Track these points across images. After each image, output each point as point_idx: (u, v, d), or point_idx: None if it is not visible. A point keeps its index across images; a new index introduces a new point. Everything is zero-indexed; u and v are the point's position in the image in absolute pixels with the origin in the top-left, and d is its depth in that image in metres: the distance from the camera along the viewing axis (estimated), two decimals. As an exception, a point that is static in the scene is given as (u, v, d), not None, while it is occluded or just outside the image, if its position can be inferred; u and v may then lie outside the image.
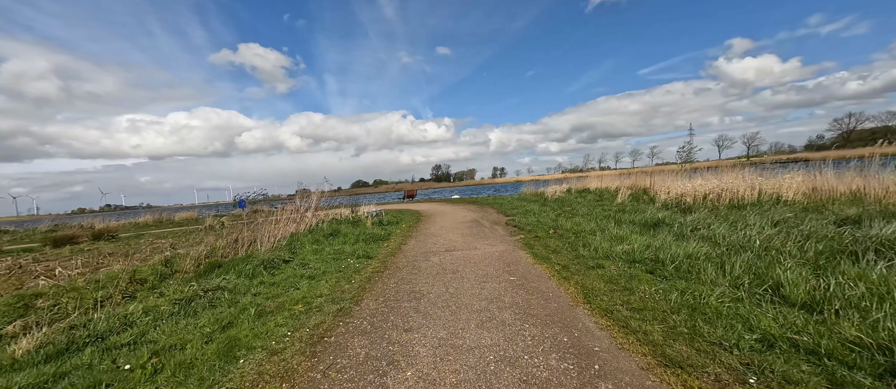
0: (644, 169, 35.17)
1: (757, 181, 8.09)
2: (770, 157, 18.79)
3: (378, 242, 8.34)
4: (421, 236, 8.97)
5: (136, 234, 15.97)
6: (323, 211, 13.19)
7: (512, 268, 5.26)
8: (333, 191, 26.99)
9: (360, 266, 6.13)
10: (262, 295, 4.85)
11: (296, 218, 10.84)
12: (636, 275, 4.26)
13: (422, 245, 7.76)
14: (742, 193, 8.15)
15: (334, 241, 8.51)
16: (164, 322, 4.15)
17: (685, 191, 8.68)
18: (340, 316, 3.86)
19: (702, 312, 3.10)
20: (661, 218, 6.88)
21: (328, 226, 10.49)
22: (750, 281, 3.60)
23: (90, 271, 8.85)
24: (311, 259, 6.80)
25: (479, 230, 9.18)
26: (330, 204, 13.60)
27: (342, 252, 7.24)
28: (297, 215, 11.07)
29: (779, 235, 4.83)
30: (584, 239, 6.51)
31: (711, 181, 8.55)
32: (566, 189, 15.89)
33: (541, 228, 8.33)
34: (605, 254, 5.32)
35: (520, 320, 3.42)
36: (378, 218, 12.08)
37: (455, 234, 8.81)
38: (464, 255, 6.41)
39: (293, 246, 7.80)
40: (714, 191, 8.31)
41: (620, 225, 7.36)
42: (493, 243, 7.31)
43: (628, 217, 8.09)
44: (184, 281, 5.82)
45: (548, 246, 6.51)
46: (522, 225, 9.00)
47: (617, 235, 6.25)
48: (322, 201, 12.68)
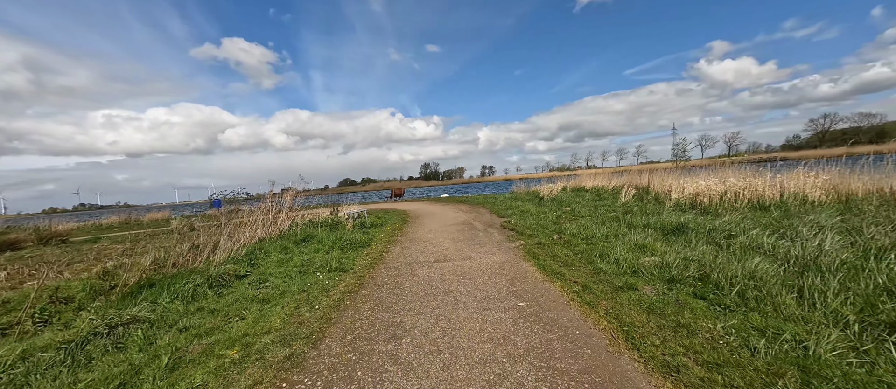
0: (637, 167, 34.71)
1: (778, 180, 7.23)
2: (750, 157, 18.26)
3: (357, 249, 7.16)
4: (407, 241, 7.83)
5: (92, 238, 14.34)
6: (301, 212, 11.92)
7: (518, 287, 4.18)
8: (320, 189, 25.53)
9: (330, 282, 4.96)
10: (192, 329, 3.64)
11: (267, 221, 9.57)
12: (686, 303, 3.22)
13: (408, 253, 6.63)
14: (762, 192, 7.28)
15: (306, 248, 7.29)
16: (41, 377, 2.92)
17: (699, 190, 7.78)
18: (286, 370, 2.71)
19: (822, 375, 2.06)
20: (682, 222, 5.90)
21: (302, 230, 9.24)
22: (855, 315, 2.59)
23: (14, 285, 7.44)
24: (273, 273, 5.59)
25: (473, 234, 8.09)
26: (307, 204, 12.33)
27: (312, 263, 6.04)
28: (268, 217, 9.79)
29: (851, 247, 3.88)
30: (598, 248, 5.48)
31: (730, 179, 7.67)
32: (561, 187, 14.96)
33: (542, 232, 7.29)
34: (631, 269, 4.29)
35: (545, 384, 2.33)
36: (360, 220, 10.88)
37: (445, 239, 7.70)
38: (457, 267, 5.30)
39: (255, 255, 6.55)
40: (732, 191, 7.43)
41: (634, 230, 6.37)
42: (490, 251, 6.22)
43: (640, 220, 7.12)
44: (103, 307, 4.55)
45: (555, 255, 5.45)
46: (521, 229, 7.95)
47: (637, 243, 5.24)
48: (298, 201, 11.40)
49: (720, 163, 14.80)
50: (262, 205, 10.48)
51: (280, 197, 10.82)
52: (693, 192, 7.94)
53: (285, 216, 10.35)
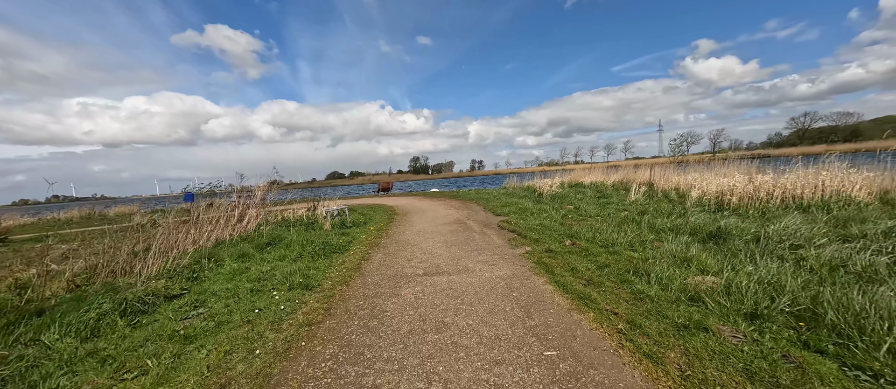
0: (630, 162, 33.94)
1: (815, 177, 6.28)
2: (735, 154, 18.05)
3: (331, 256, 5.94)
4: (392, 245, 6.63)
5: (40, 235, 12.69)
6: (276, 208, 10.57)
7: (538, 320, 3.05)
8: (307, 182, 23.93)
9: (287, 308, 3.74)
10: (59, 395, 2.40)
11: (231, 219, 8.23)
12: (801, 361, 2.13)
13: (392, 261, 5.44)
14: (798, 191, 6.32)
15: (270, 255, 6.03)
16: None
17: (726, 187, 6.78)
18: None
19: None
20: (723, 228, 4.86)
21: (270, 231, 7.95)
22: None
23: None
24: (218, 291, 4.34)
25: (468, 236, 6.94)
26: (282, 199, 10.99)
27: (271, 276, 4.80)
28: (234, 214, 8.45)
29: None
30: (624, 258, 4.40)
31: (758, 176, 6.70)
32: (559, 183, 13.93)
33: (550, 236, 6.19)
34: (687, 293, 3.20)
35: None
36: (339, 219, 9.60)
37: (437, 242, 6.53)
38: (453, 285, 4.15)
39: (201, 265, 5.26)
40: (763, 189, 6.45)
41: (663, 236, 5.32)
42: (492, 260, 5.09)
43: (663, 222, 6.08)
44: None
45: (574, 268, 4.34)
46: (523, 231, 6.84)
47: (676, 254, 4.16)
48: (271, 196, 10.06)
49: (712, 158, 14.03)
50: (230, 201, 9.15)
51: (250, 191, 9.48)
52: (717, 190, 6.95)
53: (255, 213, 9.02)
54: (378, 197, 21.51)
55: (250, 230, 8.05)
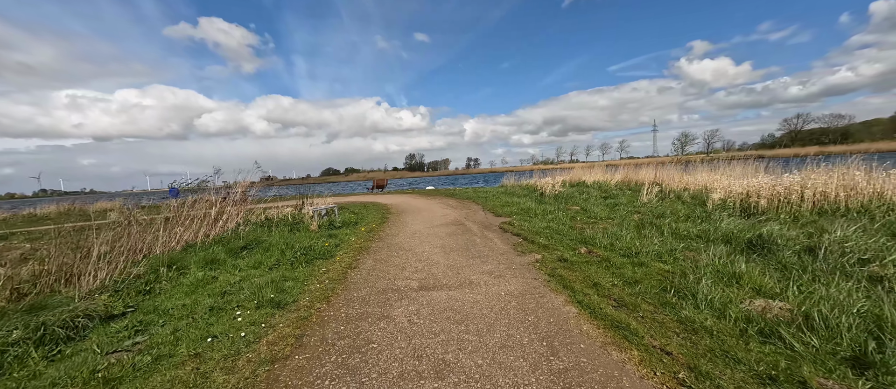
0: (631, 161, 33.37)
1: (855, 178, 5.65)
2: (727, 154, 17.55)
3: (314, 263, 5.18)
4: (383, 249, 5.89)
5: (6, 232, 11.73)
6: (261, 205, 9.77)
7: (568, 363, 2.34)
8: (301, 178, 22.99)
9: (249, 335, 3.00)
10: None
11: (207, 218, 7.44)
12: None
13: (382, 270, 4.71)
14: (832, 194, 5.69)
15: (243, 261, 5.27)
16: None
17: (752, 189, 6.12)
18: None
19: None
20: (766, 236, 4.18)
21: (249, 232, 7.17)
22: None
23: None
24: (171, 309, 3.58)
25: (468, 240, 6.22)
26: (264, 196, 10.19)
27: (240, 289, 4.03)
28: (211, 212, 7.65)
29: None
30: (657, 274, 3.71)
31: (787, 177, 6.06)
32: (561, 182, 13.26)
33: (561, 241, 5.50)
34: (753, 324, 2.51)
35: None
36: (328, 218, 8.83)
37: (434, 247, 5.81)
38: (454, 303, 3.43)
39: (157, 274, 4.48)
40: (794, 191, 5.80)
41: (691, 243, 4.65)
42: (498, 270, 4.38)
43: (685, 227, 5.41)
44: None
45: (597, 283, 3.65)
46: (529, 235, 6.14)
47: (722, 269, 3.48)
48: (254, 193, 9.26)
49: (712, 158, 13.56)
50: (207, 198, 8.34)
51: (229, 188, 8.67)
52: (742, 192, 6.30)
53: (235, 211, 8.22)
54: (372, 194, 20.72)
55: (227, 231, 7.26)
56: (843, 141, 66.75)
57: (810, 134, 78.85)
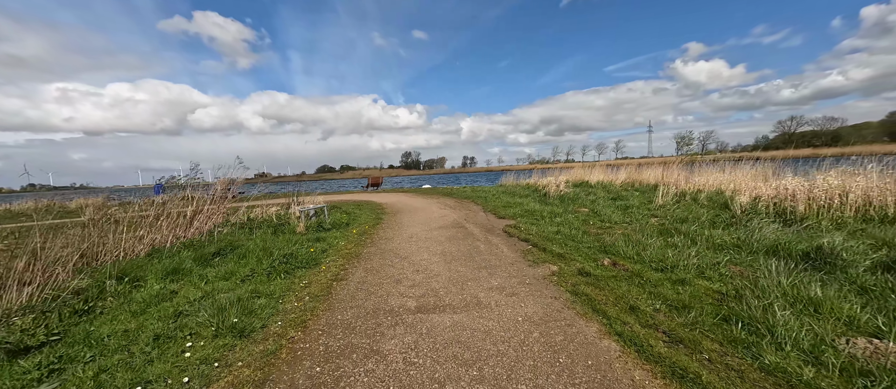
0: (633, 161, 32.83)
1: None
2: (734, 155, 16.87)
3: (295, 273, 4.46)
4: (376, 257, 5.18)
5: (-31, 231, 10.81)
6: (243, 205, 8.99)
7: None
8: (296, 175, 22.11)
9: (194, 379, 2.28)
10: None
11: (182, 218, 6.67)
12: None
13: (373, 284, 4.00)
14: (875, 198, 5.08)
15: (213, 270, 4.52)
16: None
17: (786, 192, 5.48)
18: None
19: None
20: (825, 249, 3.53)
21: (227, 234, 6.42)
22: None
23: None
24: (107, 336, 2.84)
25: (471, 246, 5.53)
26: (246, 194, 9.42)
27: (198, 309, 3.29)
28: (187, 211, 6.88)
29: None
30: (706, 295, 3.04)
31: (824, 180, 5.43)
32: (565, 181, 12.59)
33: (577, 249, 4.82)
34: (872, 380, 1.85)
35: None
36: (316, 219, 8.08)
37: (433, 254, 5.11)
38: (461, 334, 2.73)
39: (102, 288, 3.72)
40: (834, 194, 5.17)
41: (732, 254, 4.00)
42: (509, 285, 3.69)
43: (718, 235, 4.76)
44: None
45: (636, 308, 2.98)
46: (539, 241, 5.47)
47: (799, 296, 2.81)
48: (235, 190, 8.48)
49: (713, 159, 13.15)
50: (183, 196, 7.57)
51: (208, 186, 7.90)
52: (773, 194, 5.68)
53: (214, 211, 7.46)
54: (367, 193, 19.95)
55: (203, 233, 6.50)
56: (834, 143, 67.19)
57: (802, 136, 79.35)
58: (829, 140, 77.17)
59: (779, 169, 9.43)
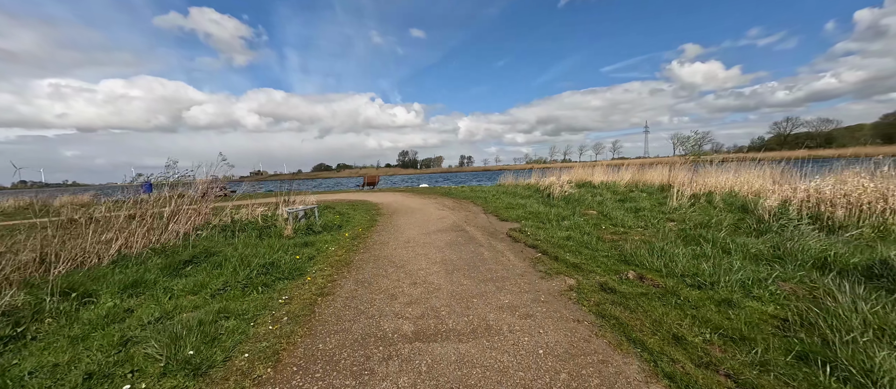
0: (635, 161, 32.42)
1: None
2: (730, 156, 16.52)
3: (274, 287, 3.88)
4: (369, 266, 4.62)
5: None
6: (228, 205, 8.39)
7: None
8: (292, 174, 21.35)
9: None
10: None
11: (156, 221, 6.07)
12: None
13: (364, 300, 3.44)
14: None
15: (182, 282, 3.93)
16: None
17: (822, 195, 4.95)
18: None
19: None
20: (892, 264, 3.02)
21: (205, 239, 5.83)
22: None
23: None
24: (29, 372, 2.26)
25: (474, 253, 4.98)
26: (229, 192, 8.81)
27: (150, 335, 2.71)
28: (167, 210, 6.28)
29: None
30: (762, 321, 2.52)
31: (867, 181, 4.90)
32: (567, 180, 12.08)
33: (594, 259, 4.29)
34: None
35: None
36: (306, 221, 7.48)
37: (432, 263, 4.55)
38: (469, 374, 2.18)
39: (44, 304, 3.12)
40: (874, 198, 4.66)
41: (772, 266, 3.48)
42: (522, 303, 3.14)
43: (749, 243, 4.24)
44: None
45: (683, 338, 2.44)
46: (548, 247, 4.93)
47: (886, 325, 2.29)
48: (218, 189, 7.89)
49: (721, 159, 12.82)
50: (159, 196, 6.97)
51: (187, 185, 7.30)
52: (805, 197, 5.17)
53: (194, 211, 6.86)
54: (362, 192, 19.35)
55: (179, 236, 5.89)
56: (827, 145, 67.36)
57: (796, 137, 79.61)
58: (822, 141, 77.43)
59: (785, 170, 9.04)
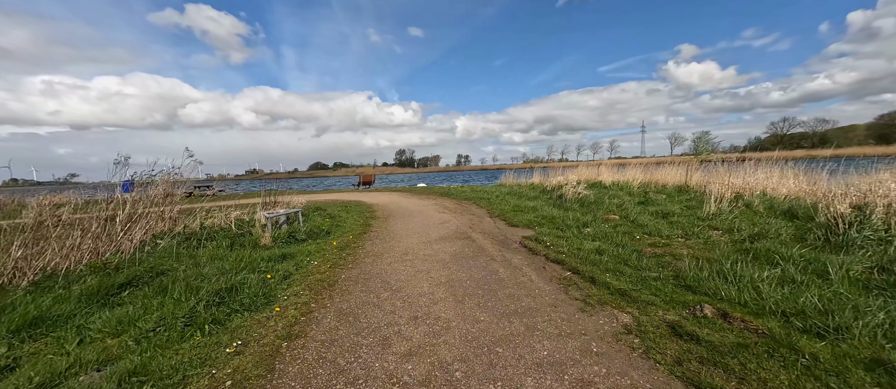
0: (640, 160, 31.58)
1: None
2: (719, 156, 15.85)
3: (228, 324, 2.89)
4: (357, 289, 3.63)
5: None
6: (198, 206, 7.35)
7: None
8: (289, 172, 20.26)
9: None
10: None
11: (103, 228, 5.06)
12: None
13: (345, 349, 2.46)
14: None
15: (105, 316, 2.92)
16: None
17: None
18: None
19: None
20: None
21: (160, 252, 4.81)
22: None
23: None
24: None
25: (486, 269, 4.00)
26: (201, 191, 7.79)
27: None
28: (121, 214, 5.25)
29: None
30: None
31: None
32: (575, 180, 11.13)
33: (641, 281, 3.33)
34: None
35: None
36: (287, 227, 6.44)
37: (436, 286, 3.58)
38: None
39: None
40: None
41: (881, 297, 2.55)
42: (567, 355, 2.19)
43: (847, 263, 3.31)
44: None
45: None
46: (578, 264, 3.97)
47: None
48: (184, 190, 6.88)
49: (740, 158, 12.14)
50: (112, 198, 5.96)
51: (145, 185, 6.28)
52: (887, 202, 4.23)
53: (155, 216, 5.85)
54: (357, 192, 18.31)
55: (133, 246, 4.87)
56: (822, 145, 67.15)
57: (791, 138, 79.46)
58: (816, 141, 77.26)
59: (809, 170, 8.23)
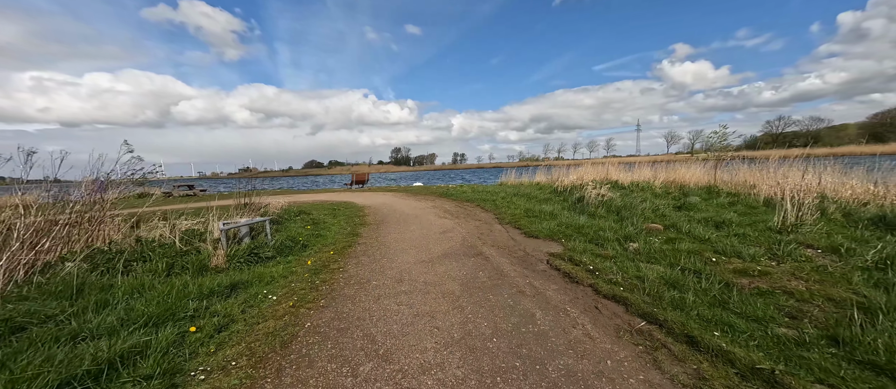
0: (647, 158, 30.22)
1: None
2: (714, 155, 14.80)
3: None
4: (323, 358, 2.29)
5: None
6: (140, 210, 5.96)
7: None
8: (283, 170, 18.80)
9: None
10: None
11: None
12: None
13: None
14: None
15: None
16: None
17: None
18: None
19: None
20: None
21: (60, 279, 3.41)
22: None
23: None
24: None
25: (514, 309, 2.69)
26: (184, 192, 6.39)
27: None
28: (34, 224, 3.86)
29: None
30: None
31: None
32: (593, 180, 9.86)
33: (762, 334, 2.05)
34: None
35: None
36: (249, 242, 5.03)
37: (445, 346, 2.27)
38: None
39: None
40: None
41: None
42: None
43: None
44: None
45: None
46: (649, 306, 2.69)
47: None
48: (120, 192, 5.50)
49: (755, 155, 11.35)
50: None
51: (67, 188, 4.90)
52: None
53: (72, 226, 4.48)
54: (350, 192, 16.90)
55: (49, 260, 3.48)
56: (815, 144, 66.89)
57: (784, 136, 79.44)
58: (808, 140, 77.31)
59: (844, 168, 7.32)
